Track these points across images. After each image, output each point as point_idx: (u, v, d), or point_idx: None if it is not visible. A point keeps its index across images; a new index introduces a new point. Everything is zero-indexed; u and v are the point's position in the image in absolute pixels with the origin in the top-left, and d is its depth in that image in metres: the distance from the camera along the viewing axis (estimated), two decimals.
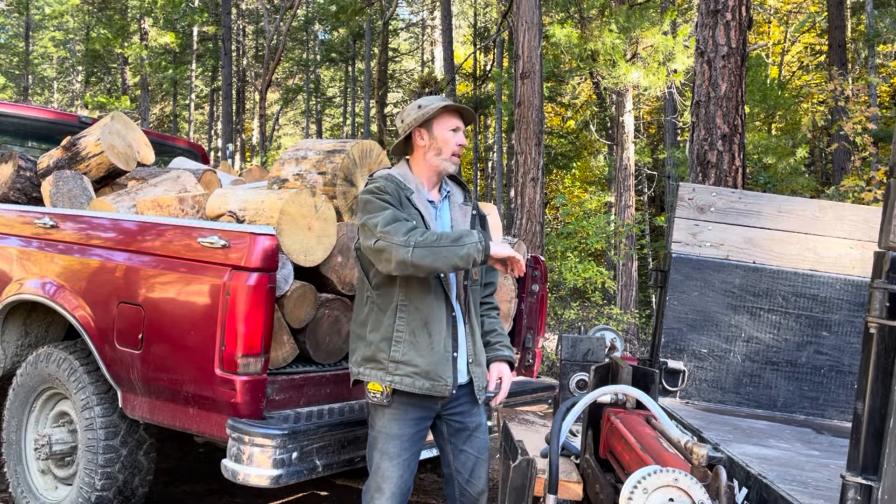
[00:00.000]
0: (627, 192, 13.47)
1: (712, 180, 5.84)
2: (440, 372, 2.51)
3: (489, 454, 2.75)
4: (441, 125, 2.63)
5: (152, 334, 2.92)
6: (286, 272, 2.95)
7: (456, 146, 2.65)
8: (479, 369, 2.67)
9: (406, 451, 2.58)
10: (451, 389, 2.54)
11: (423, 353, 2.50)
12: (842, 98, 10.06)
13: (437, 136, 2.63)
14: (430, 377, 2.50)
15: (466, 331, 2.63)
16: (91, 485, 3.09)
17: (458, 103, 2.70)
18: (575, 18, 13.86)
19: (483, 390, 2.68)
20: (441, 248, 2.35)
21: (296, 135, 33.00)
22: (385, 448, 2.56)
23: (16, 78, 30.51)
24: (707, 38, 5.98)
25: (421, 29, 30.12)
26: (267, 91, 17.13)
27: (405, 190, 2.58)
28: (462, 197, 2.77)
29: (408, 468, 2.59)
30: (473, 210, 2.76)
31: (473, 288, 2.70)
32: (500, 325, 2.87)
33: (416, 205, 2.57)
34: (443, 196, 2.71)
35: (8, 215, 3.69)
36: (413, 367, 2.49)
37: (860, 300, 2.78)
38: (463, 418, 2.67)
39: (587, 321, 9.46)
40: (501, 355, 2.76)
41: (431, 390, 2.51)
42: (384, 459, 2.56)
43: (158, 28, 24.08)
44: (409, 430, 2.57)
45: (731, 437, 2.16)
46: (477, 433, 2.70)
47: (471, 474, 2.68)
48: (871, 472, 1.19)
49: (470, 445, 2.68)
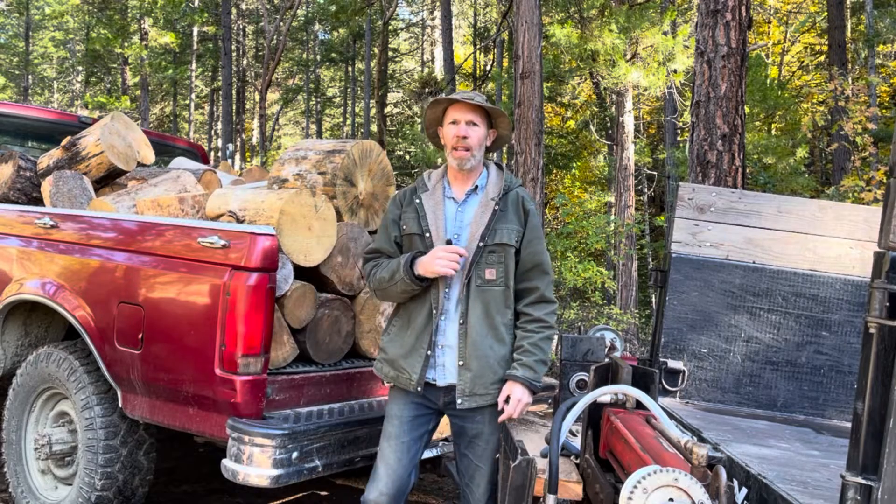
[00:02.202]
0: (627, 192, 13.47)
1: (712, 180, 5.83)
2: (405, 364, 2.56)
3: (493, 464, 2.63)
4: (445, 121, 2.63)
5: (152, 334, 2.92)
6: (286, 272, 2.95)
7: (453, 139, 2.56)
8: (468, 374, 2.51)
9: (405, 434, 2.58)
10: (416, 386, 2.54)
11: (397, 344, 2.60)
12: (842, 98, 10.06)
13: (444, 132, 2.64)
14: (395, 367, 2.59)
15: (460, 332, 2.52)
16: (91, 485, 3.09)
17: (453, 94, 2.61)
18: (575, 18, 13.85)
19: (468, 397, 2.51)
20: (387, 288, 2.57)
21: (296, 135, 32.99)
22: (385, 428, 2.63)
23: (16, 78, 30.52)
24: (707, 38, 5.98)
25: (421, 29, 30.11)
26: (267, 91, 17.13)
27: (421, 189, 2.64)
28: (497, 192, 2.59)
29: (406, 452, 2.58)
30: (497, 205, 2.56)
31: (487, 289, 2.52)
32: (532, 341, 2.53)
33: (422, 204, 2.59)
34: (467, 193, 2.61)
35: (8, 215, 3.69)
36: (384, 355, 2.64)
37: (860, 300, 2.78)
38: (461, 422, 2.62)
39: (587, 321, 9.46)
40: (512, 374, 2.50)
41: (395, 380, 2.60)
42: (384, 439, 2.62)
43: (158, 28, 24.08)
44: (408, 412, 2.59)
45: (731, 437, 2.16)
46: (477, 440, 2.60)
47: (470, 479, 2.65)
48: (870, 472, 1.19)
49: (470, 451, 2.63)
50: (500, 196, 2.57)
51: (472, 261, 2.52)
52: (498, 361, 2.54)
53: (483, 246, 2.52)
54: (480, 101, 2.56)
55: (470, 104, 2.56)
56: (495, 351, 2.54)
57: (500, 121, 2.64)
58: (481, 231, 2.52)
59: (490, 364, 2.53)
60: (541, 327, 2.56)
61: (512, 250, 2.54)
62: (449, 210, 2.60)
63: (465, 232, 2.56)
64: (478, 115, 2.57)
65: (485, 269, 2.52)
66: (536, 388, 2.53)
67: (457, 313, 2.53)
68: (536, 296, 2.58)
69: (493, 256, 2.53)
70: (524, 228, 2.57)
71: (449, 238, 2.55)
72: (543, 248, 2.62)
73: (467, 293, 2.52)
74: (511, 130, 2.98)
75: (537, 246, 2.59)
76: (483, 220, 2.54)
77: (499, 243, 2.53)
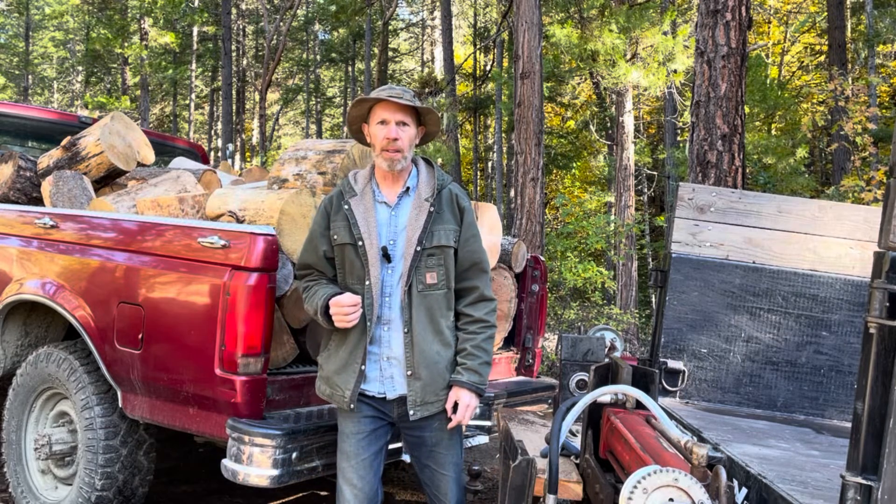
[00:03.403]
0: (627, 192, 13.47)
1: (712, 180, 5.84)
2: (339, 381, 2.46)
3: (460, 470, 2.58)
4: (372, 120, 2.48)
5: (152, 334, 2.92)
6: (286, 272, 2.95)
7: (384, 140, 2.42)
8: (418, 383, 2.42)
9: (364, 451, 2.48)
10: (349, 403, 2.43)
11: (332, 361, 2.50)
12: (842, 98, 10.06)
13: (372, 131, 2.49)
14: (330, 384, 2.50)
15: (406, 341, 2.42)
16: (91, 485, 3.09)
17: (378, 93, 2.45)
18: (575, 18, 13.86)
19: (420, 407, 2.43)
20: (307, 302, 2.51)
21: (296, 135, 33.00)
22: (342, 447, 2.52)
23: (16, 78, 30.53)
24: (707, 38, 5.98)
25: (421, 29, 30.12)
26: (267, 91, 17.13)
27: (348, 193, 2.48)
28: (429, 192, 2.48)
29: (368, 469, 2.48)
30: (432, 206, 2.46)
31: (429, 293, 2.43)
32: (475, 343, 2.47)
33: (351, 210, 2.45)
34: (399, 195, 2.50)
35: (8, 215, 3.69)
36: (322, 372, 2.54)
37: (860, 300, 2.78)
38: (419, 432, 2.51)
39: (587, 321, 9.46)
40: (458, 380, 2.43)
41: (331, 398, 2.51)
42: (342, 459, 2.51)
43: (158, 28, 24.09)
44: (364, 427, 2.48)
45: (731, 437, 2.16)
46: (438, 449, 2.51)
47: (437, 489, 2.55)
48: (870, 472, 1.19)
49: (432, 461, 2.53)
50: (433, 196, 2.47)
51: (411, 266, 2.41)
52: (446, 366, 2.47)
53: (421, 250, 2.42)
54: (410, 100, 2.44)
55: (399, 103, 2.43)
56: (442, 356, 2.46)
57: (429, 118, 2.54)
58: (418, 235, 2.42)
59: (439, 370, 2.45)
60: (482, 328, 2.50)
61: (451, 251, 2.46)
62: (381, 215, 2.47)
63: (401, 237, 2.45)
64: (407, 115, 2.45)
65: (425, 273, 2.43)
66: (482, 391, 2.47)
67: (401, 322, 2.43)
68: (476, 295, 2.51)
69: (432, 260, 2.44)
70: (460, 227, 2.49)
71: (384, 245, 2.43)
72: (481, 245, 2.55)
73: (409, 300, 2.42)
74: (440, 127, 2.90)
75: (474, 244, 2.51)
76: (419, 222, 2.43)
77: (437, 245, 2.44)
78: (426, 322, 2.43)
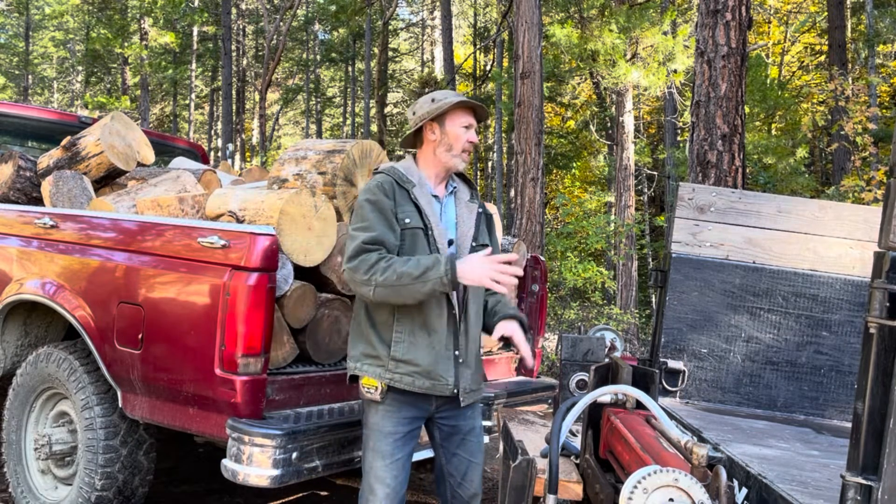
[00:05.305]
0: (627, 192, 13.47)
1: (712, 180, 5.84)
2: (441, 371, 2.49)
3: (483, 457, 2.70)
4: (454, 121, 2.59)
5: (152, 334, 2.92)
6: (286, 272, 2.94)
7: (467, 143, 2.61)
8: (468, 371, 2.57)
9: (399, 451, 2.52)
10: (453, 388, 2.51)
11: (423, 353, 2.47)
12: (842, 98, 10.06)
13: (449, 131, 2.59)
14: (431, 377, 2.48)
15: (462, 329, 2.56)
16: (91, 485, 3.09)
17: (473, 100, 2.66)
18: (575, 18, 13.86)
19: (468, 394, 2.57)
20: (403, 287, 2.34)
21: (296, 135, 32.99)
22: (378, 446, 2.51)
23: (16, 78, 30.53)
24: (707, 38, 5.98)
25: (421, 29, 30.12)
26: (267, 91, 17.13)
27: (406, 184, 2.54)
28: (469, 195, 2.72)
29: (402, 469, 2.53)
30: (480, 208, 2.71)
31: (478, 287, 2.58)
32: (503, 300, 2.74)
33: (417, 199, 2.53)
34: (448, 192, 2.66)
35: (8, 215, 3.69)
36: (414, 367, 2.47)
37: (860, 300, 2.78)
38: (455, 421, 2.61)
39: (587, 321, 9.46)
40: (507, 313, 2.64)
41: (432, 389, 2.49)
42: (377, 458, 2.51)
43: (158, 28, 24.09)
44: (402, 428, 2.52)
45: (731, 437, 2.16)
46: (470, 437, 2.64)
47: (463, 477, 2.63)
48: (871, 472, 1.19)
49: (463, 449, 2.63)
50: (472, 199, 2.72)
51: None
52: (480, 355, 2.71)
53: (475, 246, 2.61)
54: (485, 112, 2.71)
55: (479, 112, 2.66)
56: (479, 345, 2.69)
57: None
58: (472, 232, 2.63)
59: (479, 358, 2.68)
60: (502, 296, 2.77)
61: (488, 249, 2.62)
62: (436, 208, 2.60)
63: (454, 231, 2.62)
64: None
65: None
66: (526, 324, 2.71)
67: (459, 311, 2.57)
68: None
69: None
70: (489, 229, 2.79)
71: (451, 238, 2.58)
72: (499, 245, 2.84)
73: (465, 293, 2.57)
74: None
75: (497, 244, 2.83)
76: (471, 221, 2.65)
77: (482, 244, 2.66)
78: (476, 313, 2.63)
